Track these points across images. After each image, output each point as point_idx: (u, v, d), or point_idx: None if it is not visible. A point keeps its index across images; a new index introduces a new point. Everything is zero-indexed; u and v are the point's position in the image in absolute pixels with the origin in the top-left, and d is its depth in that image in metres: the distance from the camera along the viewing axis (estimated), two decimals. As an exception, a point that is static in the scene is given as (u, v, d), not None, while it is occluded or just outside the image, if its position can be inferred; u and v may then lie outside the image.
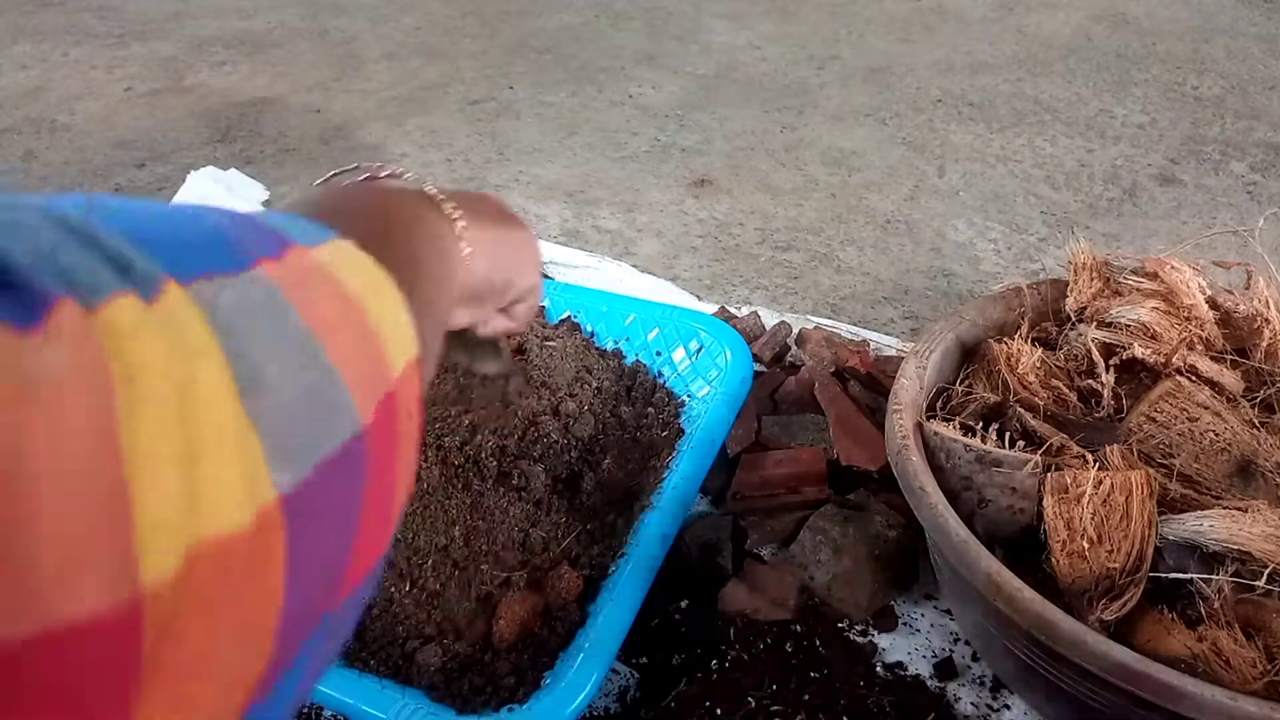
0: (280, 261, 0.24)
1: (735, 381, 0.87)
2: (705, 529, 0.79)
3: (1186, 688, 0.49)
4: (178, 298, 0.19)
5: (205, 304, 0.20)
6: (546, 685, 0.63)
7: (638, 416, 0.86)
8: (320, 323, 0.23)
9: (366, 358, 0.25)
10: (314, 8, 2.18)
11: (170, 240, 0.21)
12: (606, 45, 1.96)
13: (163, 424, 0.17)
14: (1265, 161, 1.46)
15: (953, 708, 0.68)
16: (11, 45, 1.99)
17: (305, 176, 1.48)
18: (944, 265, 1.23)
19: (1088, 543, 0.59)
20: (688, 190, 1.42)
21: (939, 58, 1.85)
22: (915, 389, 0.72)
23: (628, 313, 0.95)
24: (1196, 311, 0.75)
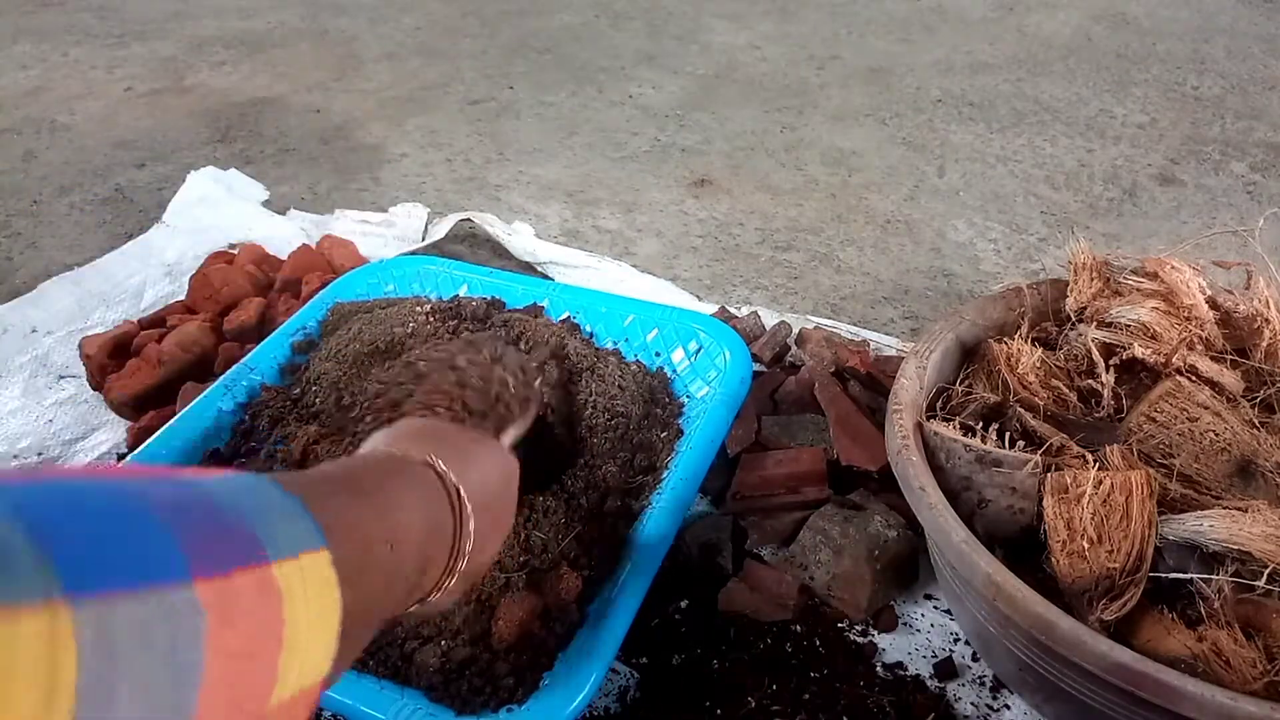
0: (225, 579, 0.25)
1: (735, 382, 0.86)
2: (705, 529, 0.79)
3: (1186, 688, 0.49)
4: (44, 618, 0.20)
5: (88, 622, 0.20)
6: (546, 686, 0.63)
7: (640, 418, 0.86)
8: (220, 651, 0.24)
9: (244, 690, 0.26)
10: (314, 8, 2.18)
11: (94, 543, 0.22)
12: (606, 45, 1.96)
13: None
14: (1265, 161, 1.46)
15: (953, 708, 0.68)
16: (11, 45, 1.99)
17: (305, 176, 1.48)
18: (944, 265, 1.23)
19: (1088, 543, 0.59)
20: (688, 190, 1.42)
21: (939, 58, 1.85)
22: (915, 389, 0.72)
23: (627, 313, 0.95)
24: (1196, 311, 0.75)
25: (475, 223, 1.28)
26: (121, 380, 0.97)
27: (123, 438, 0.96)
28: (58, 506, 0.22)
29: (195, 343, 1.00)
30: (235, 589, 0.25)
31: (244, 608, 0.26)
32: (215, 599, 0.24)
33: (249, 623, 0.26)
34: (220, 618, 0.24)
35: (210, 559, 0.25)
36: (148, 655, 0.22)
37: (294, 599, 0.28)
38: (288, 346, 0.95)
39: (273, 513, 0.30)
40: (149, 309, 1.15)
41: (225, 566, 0.25)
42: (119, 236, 1.31)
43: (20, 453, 0.95)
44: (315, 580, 0.29)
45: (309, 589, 0.29)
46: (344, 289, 1.01)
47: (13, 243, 1.33)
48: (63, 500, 0.23)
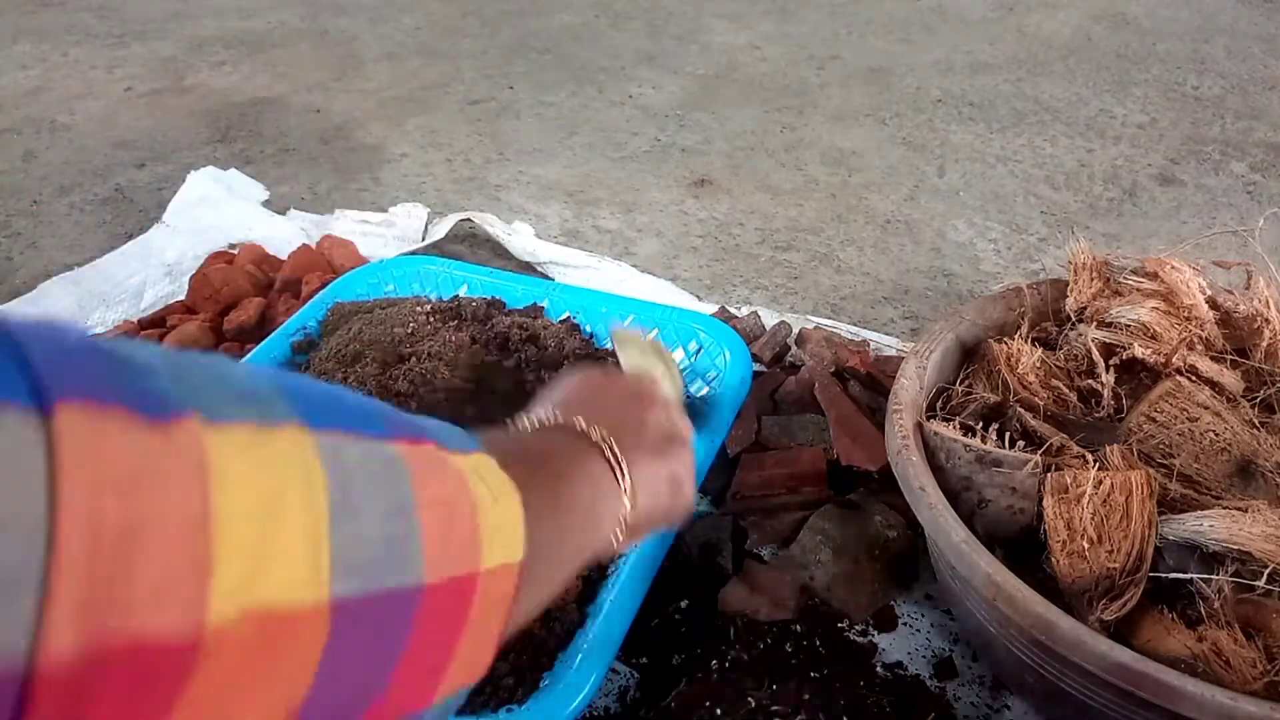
0: (414, 445, 0.29)
1: (735, 381, 0.87)
2: (705, 529, 0.79)
3: (1186, 688, 0.49)
4: (291, 436, 0.24)
5: (328, 447, 0.25)
6: (545, 686, 0.63)
7: None
8: (426, 497, 0.28)
9: (456, 539, 0.29)
10: (314, 8, 2.18)
11: (320, 398, 0.27)
12: (606, 45, 1.96)
13: (245, 517, 0.21)
14: (1265, 161, 1.46)
15: (953, 708, 0.68)
16: (11, 45, 1.99)
17: (305, 176, 1.48)
18: (944, 265, 1.23)
19: (1088, 543, 0.59)
20: (688, 190, 1.42)
21: (939, 58, 1.85)
22: (915, 389, 0.72)
23: (627, 313, 0.95)
24: (1196, 311, 0.75)
25: (475, 223, 1.28)
26: (121, 380, 0.97)
27: (123, 438, 0.96)
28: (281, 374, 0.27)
29: (195, 343, 1.00)
30: (426, 453, 0.29)
31: (435, 469, 0.29)
32: (411, 455, 0.28)
33: (441, 480, 0.29)
34: (419, 468, 0.28)
35: (400, 429, 0.29)
36: (373, 484, 0.26)
37: (473, 480, 0.31)
38: (288, 347, 0.95)
39: (438, 426, 0.33)
40: (149, 309, 1.15)
41: (416, 435, 0.30)
42: (119, 236, 1.31)
43: (20, 453, 0.95)
44: (489, 473, 0.32)
45: (485, 478, 0.32)
46: (344, 289, 1.01)
47: (13, 243, 1.33)
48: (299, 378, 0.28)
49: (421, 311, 0.95)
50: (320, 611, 0.23)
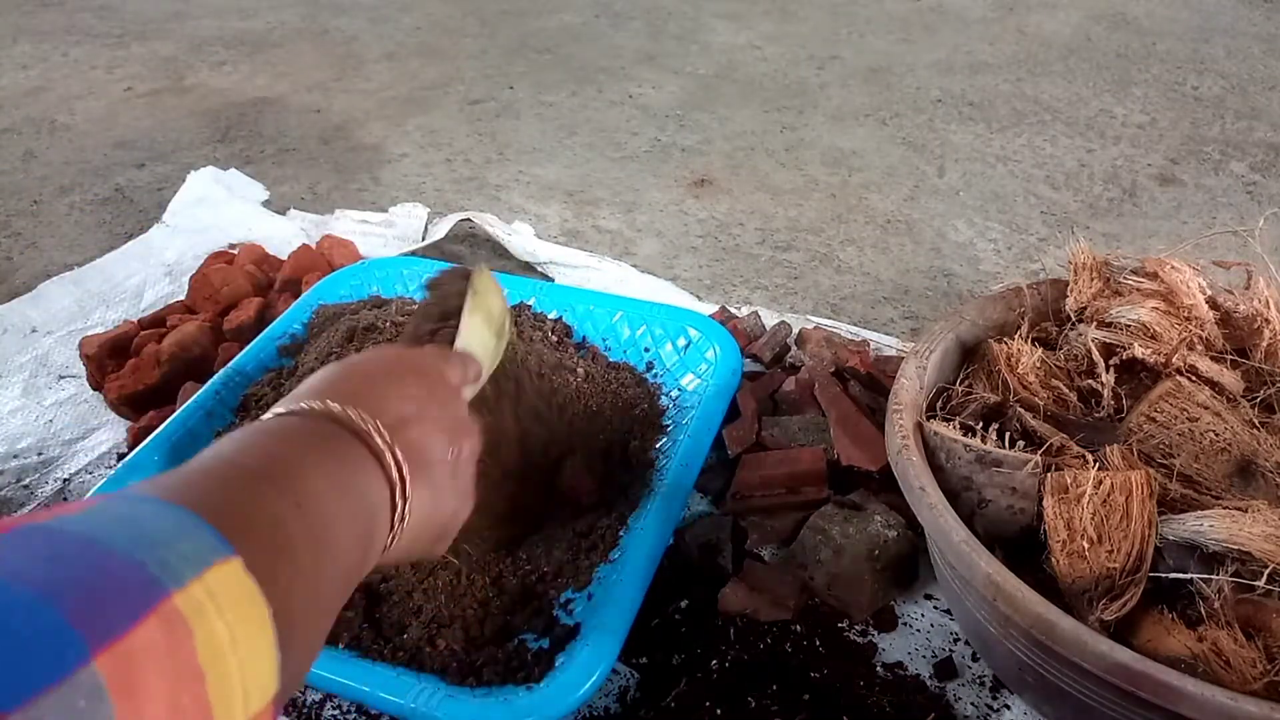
0: (123, 640, 0.23)
1: (725, 373, 0.87)
2: (705, 529, 0.79)
3: (1186, 688, 0.49)
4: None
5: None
6: (560, 665, 0.64)
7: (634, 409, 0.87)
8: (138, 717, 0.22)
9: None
10: (314, 8, 2.18)
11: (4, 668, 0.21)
12: (606, 45, 1.96)
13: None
14: (1265, 161, 1.46)
15: (953, 708, 0.68)
16: (11, 45, 1.99)
17: (305, 176, 1.48)
18: (944, 265, 1.23)
19: (1088, 543, 0.59)
20: (688, 190, 1.42)
21: (939, 58, 1.85)
22: (915, 389, 0.72)
23: (615, 311, 0.96)
24: (1196, 311, 0.75)
25: (475, 223, 1.28)
26: (121, 380, 0.97)
27: (123, 438, 0.96)
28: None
29: (195, 343, 1.00)
30: (138, 647, 0.23)
31: (153, 665, 0.24)
32: (119, 670, 0.23)
33: (161, 683, 0.24)
34: (126, 694, 0.23)
35: (105, 622, 0.23)
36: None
37: (207, 625, 0.25)
38: (274, 350, 0.95)
39: (165, 535, 0.27)
40: (149, 309, 1.15)
41: (124, 622, 0.23)
42: (119, 236, 1.31)
43: (20, 453, 0.95)
44: (229, 593, 0.27)
45: (223, 605, 0.26)
46: (327, 291, 1.01)
47: (13, 243, 1.33)
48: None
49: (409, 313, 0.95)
50: None
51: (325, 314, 0.97)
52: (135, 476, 0.80)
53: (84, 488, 0.91)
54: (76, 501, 0.28)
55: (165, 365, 0.97)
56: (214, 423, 0.86)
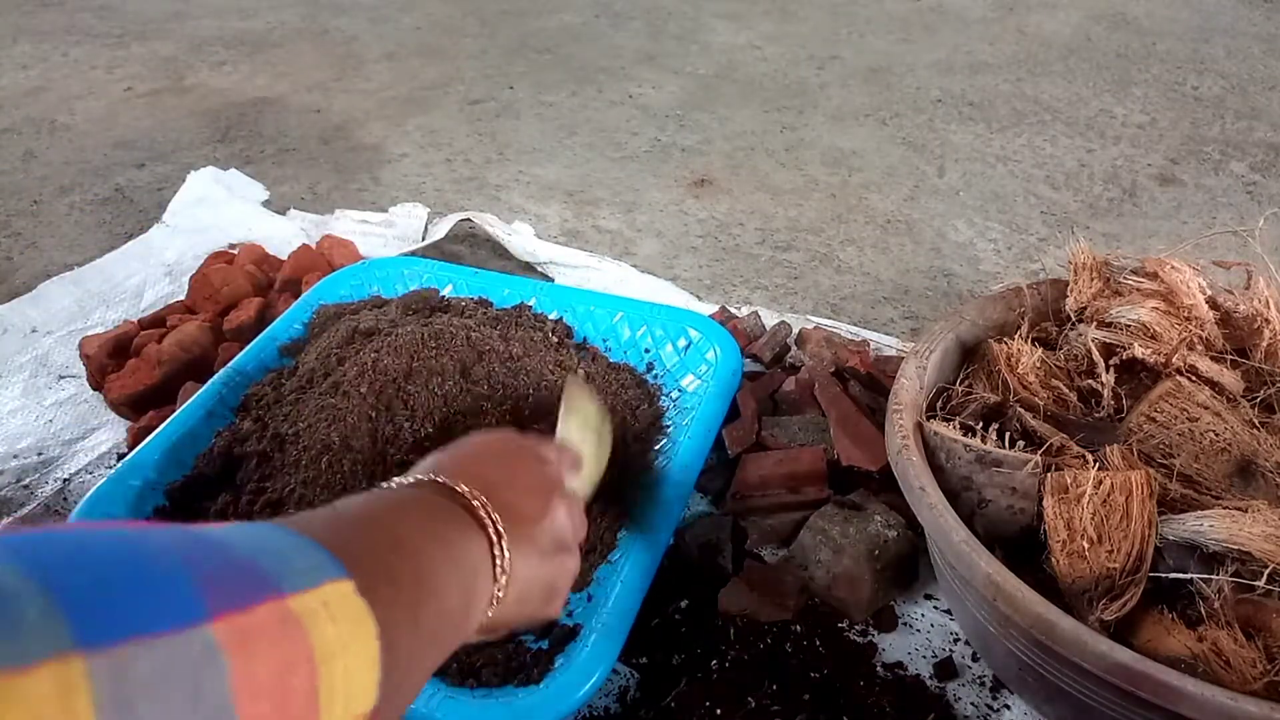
0: (243, 615, 0.25)
1: (726, 374, 0.87)
2: (705, 529, 0.79)
3: (1186, 688, 0.49)
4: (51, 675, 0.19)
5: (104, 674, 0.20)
6: (560, 665, 0.64)
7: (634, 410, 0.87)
8: (250, 692, 0.24)
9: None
10: (314, 8, 2.18)
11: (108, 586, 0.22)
12: (606, 45, 1.96)
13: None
14: (1265, 161, 1.46)
15: (953, 708, 0.68)
16: (11, 45, 1.99)
17: (305, 176, 1.48)
18: (944, 265, 1.23)
19: (1088, 543, 0.59)
20: (688, 190, 1.42)
21: (939, 58, 1.85)
22: (915, 389, 0.72)
23: (614, 311, 0.96)
24: (1196, 311, 0.75)
25: (475, 223, 1.28)
26: (121, 380, 0.97)
27: (123, 438, 0.96)
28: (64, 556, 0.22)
29: (195, 343, 1.00)
30: (256, 624, 0.25)
31: (267, 641, 0.25)
32: (236, 637, 0.24)
33: (274, 656, 0.25)
34: (243, 656, 0.24)
35: (227, 596, 0.25)
36: (171, 705, 0.22)
37: (320, 627, 0.27)
38: (274, 350, 0.95)
39: (285, 551, 0.29)
40: (149, 309, 1.15)
41: (244, 601, 0.25)
42: (119, 236, 1.31)
43: (20, 453, 0.95)
44: (341, 606, 0.29)
45: (336, 615, 0.28)
46: (327, 291, 1.01)
47: (13, 243, 1.33)
48: (70, 550, 0.23)
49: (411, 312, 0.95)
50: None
51: (325, 314, 0.97)
52: (135, 477, 0.80)
53: (84, 488, 0.91)
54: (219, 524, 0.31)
55: (165, 365, 0.97)
56: (214, 423, 0.86)
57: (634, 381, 0.91)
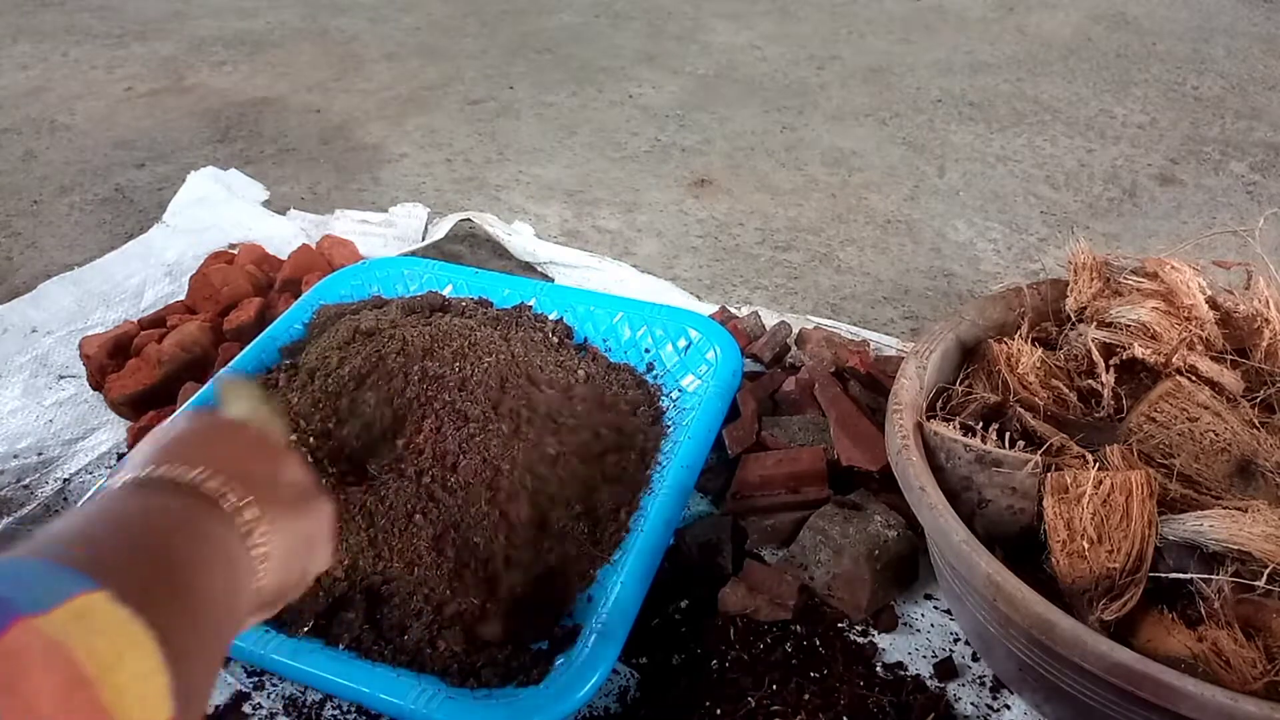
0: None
1: (726, 374, 0.87)
2: (705, 529, 0.79)
3: (1186, 688, 0.49)
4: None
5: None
6: (560, 666, 0.64)
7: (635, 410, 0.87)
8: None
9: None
10: (314, 8, 2.18)
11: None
12: (606, 45, 1.96)
13: None
14: (1265, 161, 1.46)
15: (953, 708, 0.68)
16: (11, 45, 1.99)
17: (305, 177, 1.48)
18: (944, 265, 1.23)
19: (1088, 543, 0.59)
20: (688, 190, 1.42)
21: (939, 58, 1.85)
22: (915, 389, 0.72)
23: (614, 311, 0.96)
24: (1196, 311, 0.75)
25: (475, 223, 1.28)
26: (121, 380, 0.97)
27: (123, 438, 0.96)
28: None
29: (195, 343, 1.00)
30: (8, 656, 0.23)
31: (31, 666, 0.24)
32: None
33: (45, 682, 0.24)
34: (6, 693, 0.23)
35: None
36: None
37: (83, 641, 0.26)
38: (274, 350, 0.95)
39: (22, 577, 0.27)
40: (149, 309, 1.15)
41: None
42: (119, 236, 1.31)
43: (20, 453, 0.95)
44: (100, 617, 0.27)
45: (97, 627, 0.27)
46: (327, 291, 1.01)
47: (13, 243, 1.33)
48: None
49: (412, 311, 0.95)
50: None
51: (325, 314, 0.97)
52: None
53: (84, 488, 0.91)
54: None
55: (165, 365, 0.97)
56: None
57: (634, 381, 0.91)
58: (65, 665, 0.25)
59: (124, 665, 0.26)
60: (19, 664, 0.23)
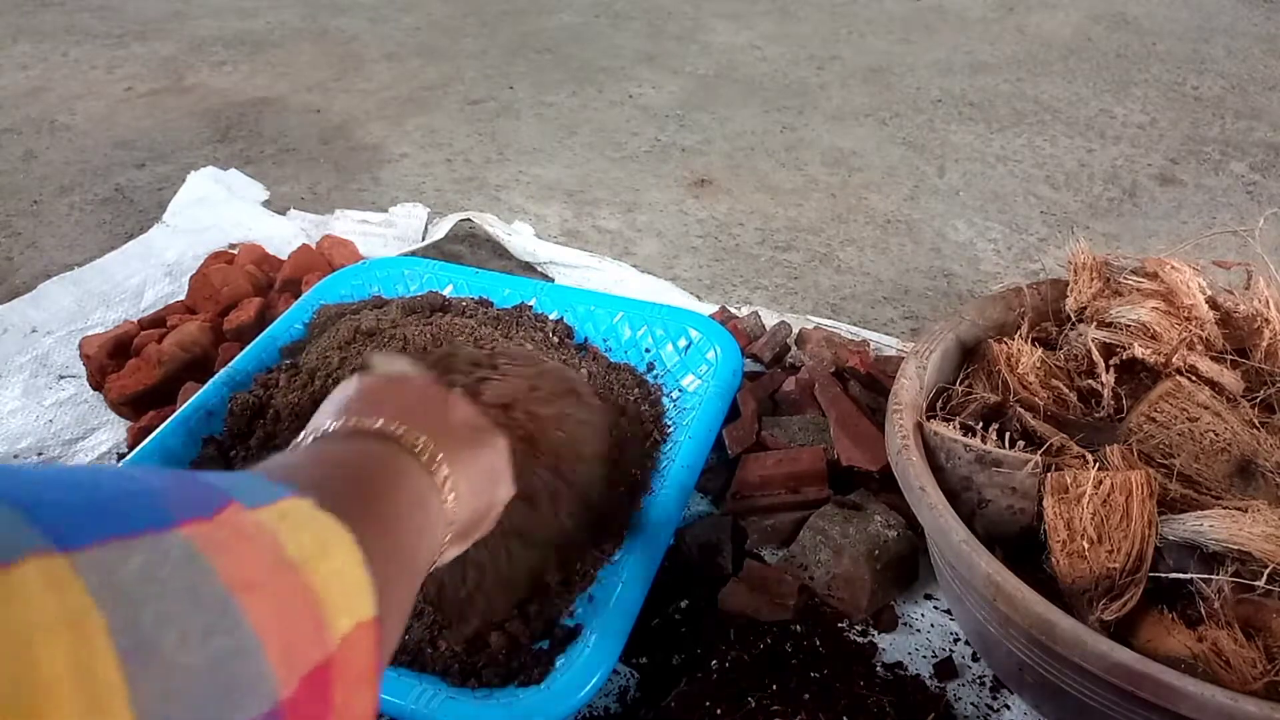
0: (210, 522, 0.24)
1: (726, 374, 0.87)
2: (705, 529, 0.79)
3: (1186, 688, 0.49)
4: (38, 570, 0.18)
5: (93, 570, 0.19)
6: (561, 666, 0.64)
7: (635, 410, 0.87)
8: (244, 585, 0.23)
9: (297, 621, 0.24)
10: (314, 8, 2.18)
11: (73, 503, 0.21)
12: (606, 45, 1.96)
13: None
14: (1265, 161, 1.46)
15: (953, 708, 0.68)
16: (11, 45, 1.99)
17: (305, 177, 1.48)
18: (944, 265, 1.23)
19: (1088, 543, 0.59)
20: (688, 190, 1.42)
21: (939, 58, 1.85)
22: (915, 389, 0.72)
23: (614, 311, 0.96)
24: (1196, 311, 0.75)
25: (475, 223, 1.28)
26: (121, 380, 0.97)
27: (123, 438, 0.96)
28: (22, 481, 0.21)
29: (195, 343, 1.00)
30: (223, 529, 0.24)
31: (241, 542, 0.25)
32: (208, 541, 0.23)
33: (252, 556, 0.25)
34: (224, 555, 0.23)
35: (187, 506, 0.24)
36: (171, 602, 0.21)
37: (289, 534, 0.26)
38: (274, 350, 0.95)
39: (237, 480, 0.29)
40: (149, 309, 1.15)
41: (204, 511, 0.24)
42: (119, 236, 1.31)
43: (20, 453, 0.95)
44: (304, 517, 0.28)
45: (303, 524, 0.28)
46: (328, 291, 1.01)
47: (13, 243, 1.33)
48: (26, 476, 0.22)
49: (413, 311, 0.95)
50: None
51: (326, 314, 0.97)
52: (135, 476, 0.80)
53: (84, 488, 0.91)
54: None
55: (165, 365, 0.97)
56: (214, 423, 0.86)
57: (634, 381, 0.91)
58: (274, 547, 0.25)
59: (328, 558, 0.27)
60: (228, 533, 0.24)
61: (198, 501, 0.24)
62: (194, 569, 0.22)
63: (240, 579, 0.23)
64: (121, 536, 0.21)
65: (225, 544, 0.24)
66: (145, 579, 0.20)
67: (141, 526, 0.22)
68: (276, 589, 0.24)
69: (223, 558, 0.23)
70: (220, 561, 0.23)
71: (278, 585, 0.25)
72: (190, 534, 0.23)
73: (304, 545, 0.26)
